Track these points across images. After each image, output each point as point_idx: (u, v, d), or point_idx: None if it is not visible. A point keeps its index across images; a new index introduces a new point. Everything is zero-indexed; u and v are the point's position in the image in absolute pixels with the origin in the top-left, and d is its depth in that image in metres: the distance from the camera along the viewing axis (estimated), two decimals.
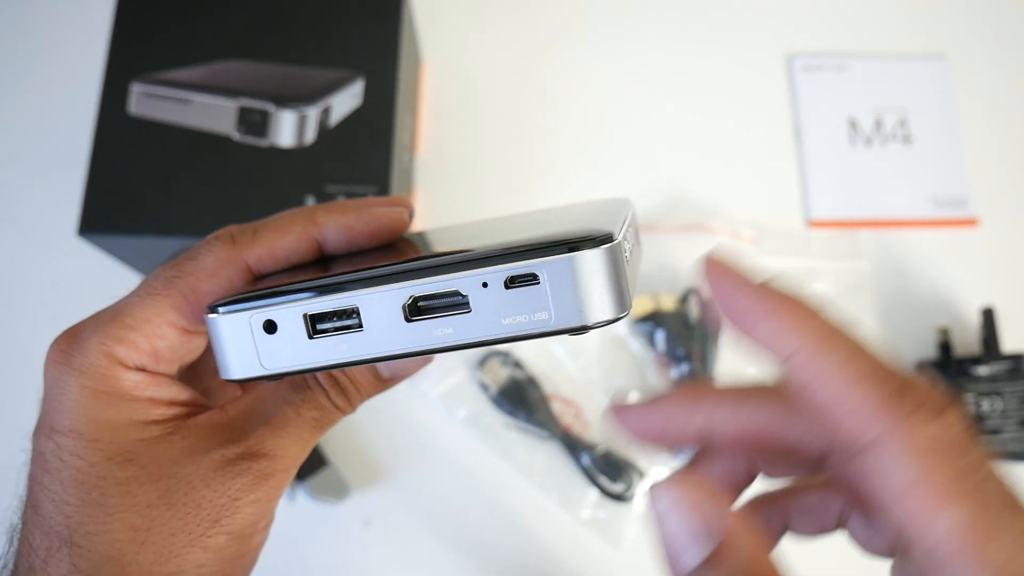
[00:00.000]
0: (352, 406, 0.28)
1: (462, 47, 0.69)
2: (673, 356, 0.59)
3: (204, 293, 0.25)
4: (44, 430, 0.25)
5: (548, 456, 0.57)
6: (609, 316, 0.22)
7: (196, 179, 0.52)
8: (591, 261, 0.21)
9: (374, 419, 0.58)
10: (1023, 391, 0.57)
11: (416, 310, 0.23)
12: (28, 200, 0.63)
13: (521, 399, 0.57)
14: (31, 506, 0.24)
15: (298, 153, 0.53)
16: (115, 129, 0.53)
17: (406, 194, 0.61)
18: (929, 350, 0.61)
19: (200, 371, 0.30)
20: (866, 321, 0.62)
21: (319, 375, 0.27)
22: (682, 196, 0.65)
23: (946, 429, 0.19)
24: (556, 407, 0.58)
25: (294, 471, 0.27)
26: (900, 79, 0.69)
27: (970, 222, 0.65)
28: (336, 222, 0.27)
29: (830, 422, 0.20)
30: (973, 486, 0.18)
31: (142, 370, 0.25)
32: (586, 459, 0.56)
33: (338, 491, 0.56)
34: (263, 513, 0.26)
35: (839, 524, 0.26)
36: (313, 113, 0.53)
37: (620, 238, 0.22)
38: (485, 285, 0.22)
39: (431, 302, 0.23)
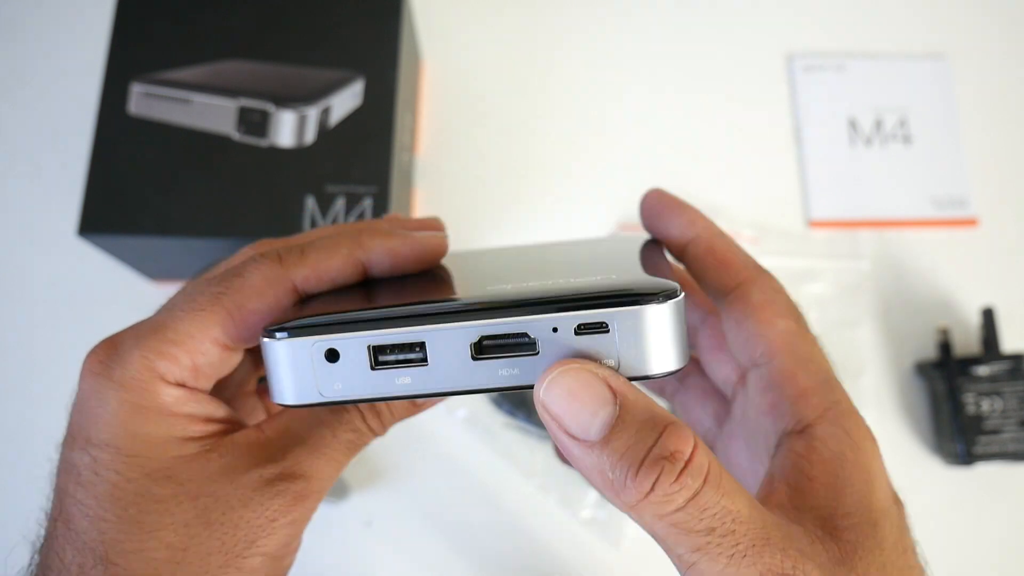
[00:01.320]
0: (385, 429, 0.28)
1: (462, 46, 0.69)
2: None
3: (251, 311, 0.25)
4: (79, 442, 0.24)
5: (548, 456, 0.57)
6: (672, 367, 0.23)
7: (196, 179, 0.52)
8: (660, 315, 0.22)
9: None
10: (1023, 391, 0.57)
11: (482, 349, 0.23)
12: (28, 200, 0.63)
13: (521, 399, 0.57)
14: (62, 520, 0.24)
15: (298, 153, 0.53)
16: (115, 129, 0.53)
17: (406, 194, 0.61)
18: (929, 350, 0.61)
19: (227, 385, 0.30)
20: (866, 321, 0.62)
21: None
22: (682, 195, 0.64)
23: (783, 288, 0.29)
24: None
25: (326, 492, 0.26)
26: (900, 79, 0.69)
27: (970, 222, 0.65)
28: (383, 246, 0.27)
29: (717, 275, 0.29)
30: (796, 315, 0.28)
31: (182, 386, 0.25)
32: None
33: (338, 491, 0.56)
34: (295, 535, 0.26)
35: (673, 394, 0.35)
36: (313, 113, 0.53)
37: (681, 293, 0.23)
38: (555, 330, 0.22)
39: (498, 342, 0.23)
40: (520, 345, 0.23)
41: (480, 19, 0.70)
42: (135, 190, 0.52)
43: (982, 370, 0.57)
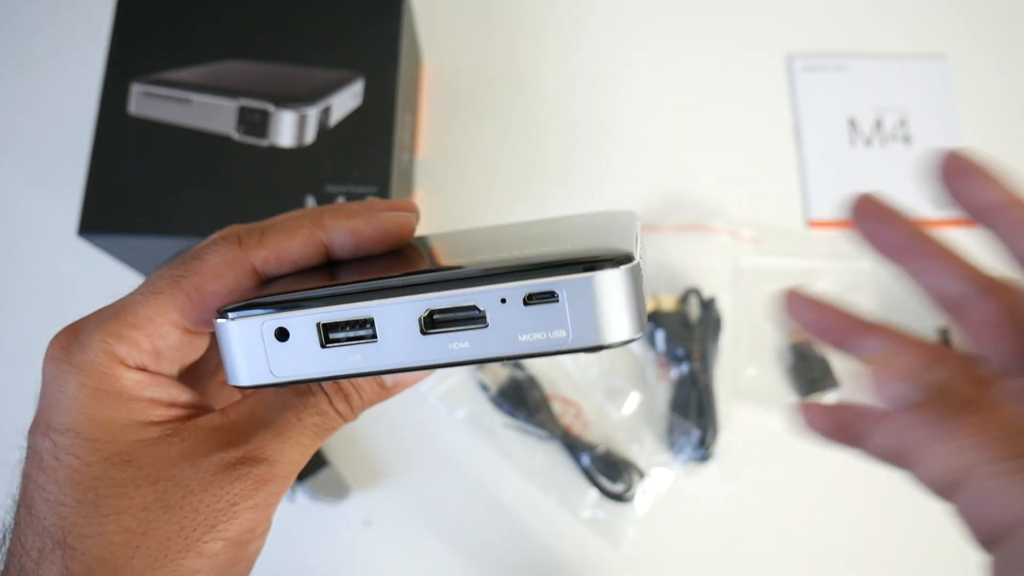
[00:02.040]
0: (354, 413, 0.27)
1: (462, 47, 0.69)
2: (673, 356, 0.59)
3: (209, 293, 0.25)
4: (41, 428, 0.25)
5: (548, 456, 0.57)
6: (627, 336, 0.22)
7: (196, 179, 0.52)
8: (612, 281, 0.21)
9: (374, 419, 0.58)
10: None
11: (432, 323, 0.23)
12: (28, 200, 0.63)
13: (521, 399, 0.57)
14: (24, 505, 0.24)
15: (298, 153, 0.53)
16: (115, 129, 0.53)
17: (406, 194, 0.61)
18: None
19: (200, 372, 0.30)
20: None
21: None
22: (682, 196, 0.65)
23: None
24: (556, 407, 0.58)
25: (293, 477, 0.26)
26: (900, 79, 0.69)
27: (970, 222, 0.65)
28: (344, 227, 0.26)
29: None
30: None
31: (143, 369, 0.25)
32: (586, 459, 0.56)
33: (338, 491, 0.56)
34: (261, 519, 0.26)
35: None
36: (313, 113, 0.53)
37: (638, 258, 0.22)
38: (503, 301, 0.22)
39: (448, 315, 0.22)
40: (469, 319, 0.22)
41: (480, 19, 0.70)
42: (135, 190, 0.52)
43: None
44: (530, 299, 0.22)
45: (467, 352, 0.22)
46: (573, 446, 0.57)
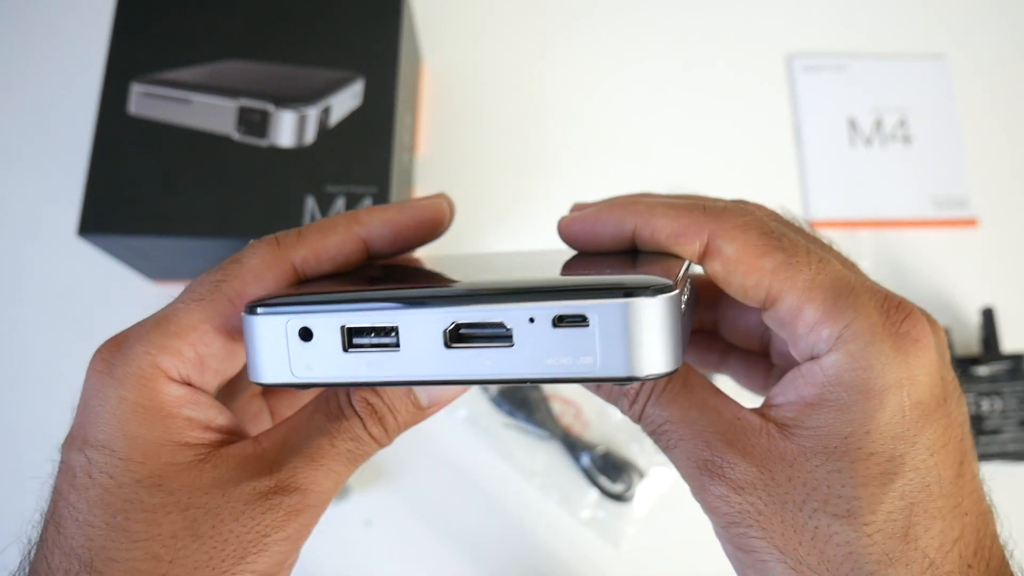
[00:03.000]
0: (389, 437, 0.27)
1: (462, 47, 0.69)
2: None
3: (251, 296, 0.25)
4: (77, 443, 0.24)
5: (548, 456, 0.57)
6: (659, 370, 0.21)
7: (196, 179, 0.52)
8: (646, 310, 0.20)
9: None
10: (1023, 391, 0.57)
11: (457, 337, 0.22)
12: (28, 200, 0.63)
13: (521, 399, 0.57)
14: (53, 523, 0.24)
15: (298, 153, 0.53)
16: (115, 129, 0.53)
17: (406, 194, 0.61)
18: None
19: (231, 387, 0.29)
20: None
21: (356, 403, 0.26)
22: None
23: (749, 212, 0.26)
24: (556, 407, 0.58)
25: (325, 507, 0.26)
26: (900, 79, 0.69)
27: (970, 222, 0.65)
28: (380, 218, 0.26)
29: (682, 249, 0.26)
30: (778, 239, 0.25)
31: (186, 383, 0.25)
32: (586, 459, 0.56)
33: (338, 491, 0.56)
34: (291, 551, 0.25)
35: (719, 365, 0.34)
36: (313, 113, 0.53)
37: (679, 289, 0.21)
38: (531, 320, 0.21)
39: (473, 330, 0.22)
40: (495, 336, 0.22)
41: (480, 19, 0.70)
42: (135, 190, 0.52)
43: (982, 370, 0.57)
44: (559, 321, 0.21)
45: (489, 370, 0.22)
46: (573, 446, 0.57)
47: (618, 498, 0.56)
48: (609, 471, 0.56)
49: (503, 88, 0.68)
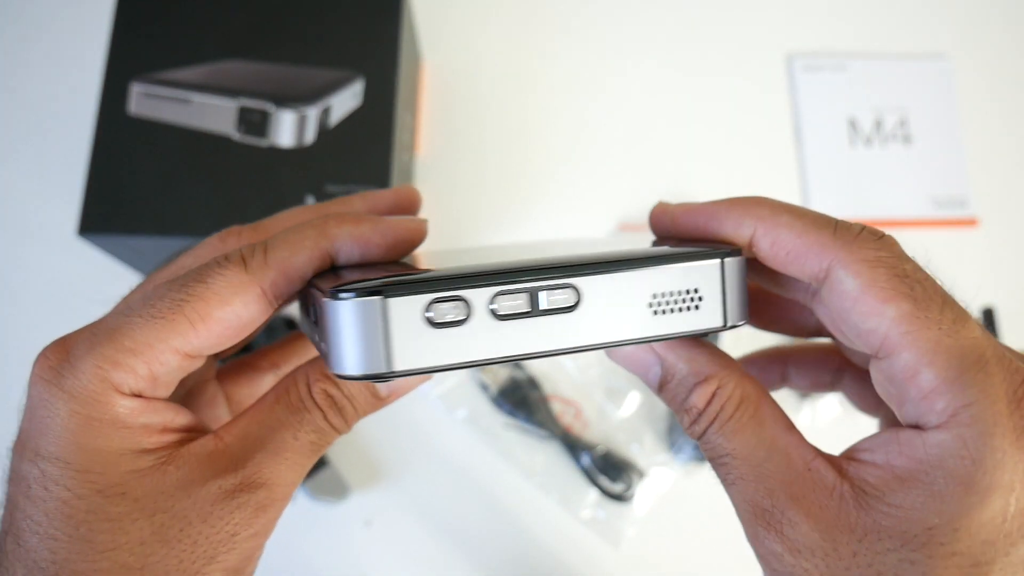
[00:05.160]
0: (348, 426, 0.27)
1: (462, 46, 0.69)
2: None
3: (215, 320, 0.24)
4: (28, 453, 0.23)
5: (548, 456, 0.57)
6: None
7: (196, 179, 0.52)
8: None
9: (374, 419, 0.58)
10: None
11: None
12: (28, 200, 0.63)
13: (521, 399, 0.57)
14: (12, 535, 0.23)
15: (298, 153, 0.53)
16: (115, 129, 0.53)
17: None
18: None
19: (186, 380, 0.29)
20: None
21: (316, 394, 0.25)
22: (682, 196, 0.65)
23: (884, 247, 0.23)
24: (556, 407, 0.58)
25: (289, 499, 0.25)
26: (900, 79, 0.69)
27: (970, 222, 0.65)
28: (350, 234, 0.25)
29: (798, 269, 0.24)
30: (909, 286, 0.22)
31: (138, 396, 0.24)
32: (586, 459, 0.56)
33: (338, 491, 0.56)
34: (258, 547, 0.25)
35: (833, 385, 0.32)
36: (313, 113, 0.53)
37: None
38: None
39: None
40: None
41: (480, 19, 0.70)
42: (135, 190, 0.52)
43: None
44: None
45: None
46: (573, 446, 0.57)
47: (618, 498, 0.56)
48: (609, 471, 0.56)
49: (503, 88, 0.68)
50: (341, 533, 0.56)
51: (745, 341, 0.61)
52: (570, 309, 0.22)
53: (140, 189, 0.52)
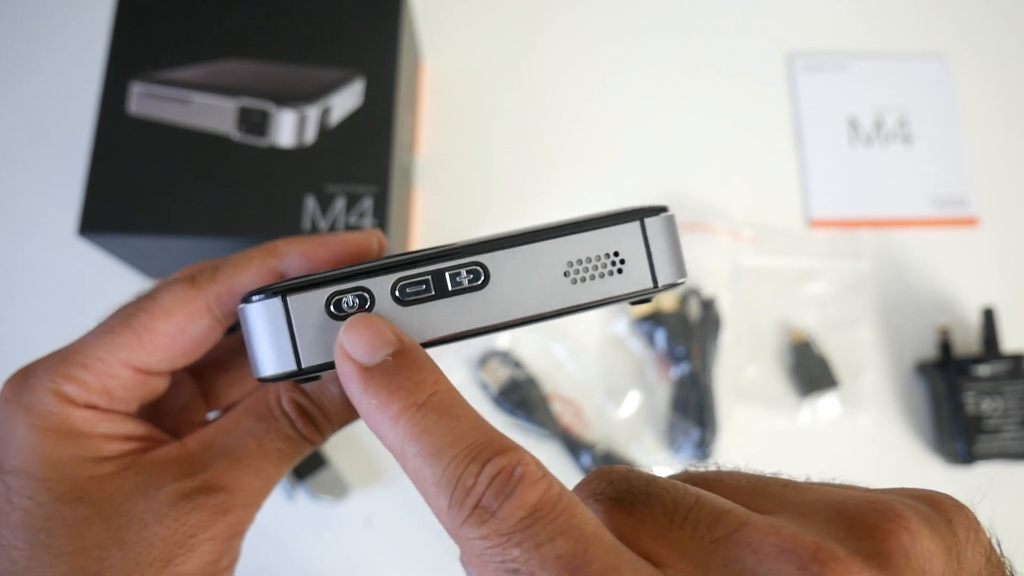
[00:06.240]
0: (323, 436, 0.27)
1: (462, 47, 0.69)
2: (673, 356, 0.59)
3: (160, 332, 0.25)
4: None
5: (548, 456, 0.57)
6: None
7: (196, 179, 0.52)
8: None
9: None
10: (1023, 391, 0.57)
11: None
12: (28, 200, 0.63)
13: (521, 399, 0.57)
14: None
15: (298, 153, 0.53)
16: (115, 129, 0.53)
17: (406, 194, 0.61)
18: (929, 350, 0.61)
19: (167, 409, 0.29)
20: (866, 321, 0.62)
21: (286, 404, 0.26)
22: (682, 195, 0.65)
23: (493, 530, 0.18)
24: (556, 407, 0.58)
25: (258, 506, 0.26)
26: (900, 79, 0.69)
27: (970, 222, 0.65)
28: (297, 249, 0.26)
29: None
30: None
31: (93, 407, 0.24)
32: (586, 459, 0.56)
33: (338, 491, 0.56)
34: (223, 551, 0.25)
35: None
36: (313, 113, 0.53)
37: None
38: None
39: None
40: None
41: (480, 19, 0.70)
42: (135, 190, 0.52)
43: (982, 370, 0.57)
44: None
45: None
46: (573, 446, 0.57)
47: None
48: None
49: (503, 88, 0.68)
50: (341, 533, 0.56)
51: (745, 343, 0.61)
52: (479, 287, 0.23)
53: (140, 189, 0.52)
